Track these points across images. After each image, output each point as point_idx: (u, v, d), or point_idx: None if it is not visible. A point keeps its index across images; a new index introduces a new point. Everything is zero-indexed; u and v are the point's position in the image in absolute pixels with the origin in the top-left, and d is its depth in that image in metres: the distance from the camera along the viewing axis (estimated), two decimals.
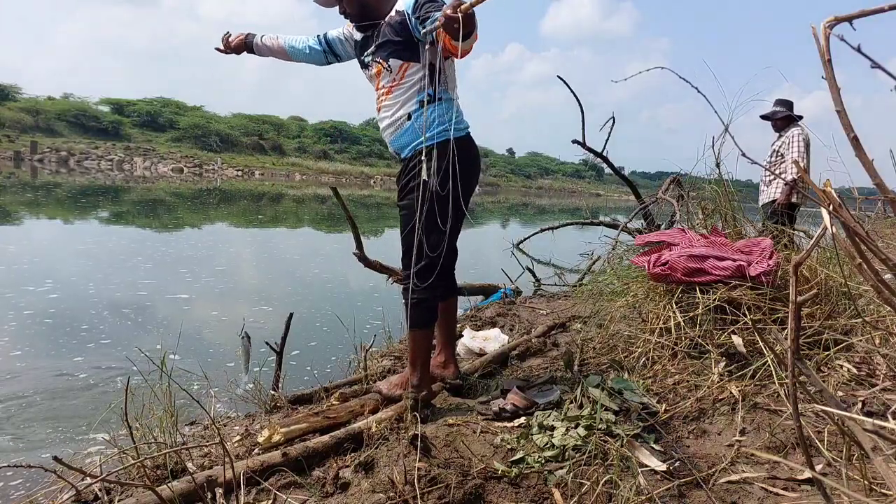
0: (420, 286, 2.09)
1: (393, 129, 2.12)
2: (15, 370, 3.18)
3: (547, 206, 29.58)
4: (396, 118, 2.10)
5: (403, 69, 2.05)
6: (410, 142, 2.10)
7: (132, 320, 4.30)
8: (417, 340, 2.18)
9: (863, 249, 0.86)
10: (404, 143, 2.12)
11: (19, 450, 2.34)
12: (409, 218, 2.09)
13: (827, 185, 0.89)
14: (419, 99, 2.05)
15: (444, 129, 2.04)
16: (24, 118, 36.26)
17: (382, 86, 2.10)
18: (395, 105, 2.09)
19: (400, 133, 2.11)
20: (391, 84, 2.07)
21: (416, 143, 2.07)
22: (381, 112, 2.15)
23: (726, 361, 2.24)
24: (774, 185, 4.89)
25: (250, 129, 48.11)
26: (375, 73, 2.11)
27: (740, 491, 1.57)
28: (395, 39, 2.03)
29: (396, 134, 2.12)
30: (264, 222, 13.04)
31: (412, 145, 2.09)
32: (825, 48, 0.81)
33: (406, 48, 2.03)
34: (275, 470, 1.73)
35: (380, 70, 2.09)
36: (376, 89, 2.15)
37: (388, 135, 2.17)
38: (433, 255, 2.04)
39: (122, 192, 18.50)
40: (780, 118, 4.92)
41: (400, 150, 2.15)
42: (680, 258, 2.47)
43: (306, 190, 27.34)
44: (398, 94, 2.08)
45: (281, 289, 5.94)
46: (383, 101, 2.12)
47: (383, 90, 2.11)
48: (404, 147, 2.13)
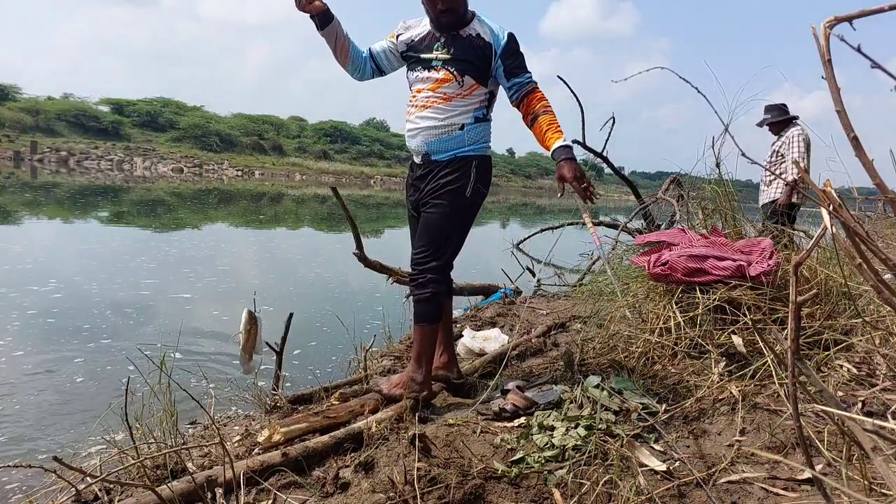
0: (437, 279, 2.20)
1: (439, 132, 2.18)
2: (16, 370, 3.18)
3: (547, 206, 29.57)
4: (448, 124, 2.17)
5: (472, 88, 2.19)
6: (454, 148, 2.20)
7: (134, 320, 4.30)
8: (426, 336, 2.25)
9: (863, 249, 0.86)
10: (446, 148, 2.20)
11: (19, 450, 2.34)
12: (440, 217, 2.19)
13: (827, 185, 0.89)
14: (475, 115, 2.21)
15: (486, 145, 2.28)
16: (24, 118, 36.25)
17: (443, 91, 2.16)
18: (452, 113, 2.17)
19: (446, 138, 2.19)
20: (455, 94, 2.17)
21: (458, 151, 2.20)
22: (425, 110, 2.18)
23: (726, 361, 2.24)
24: (775, 185, 4.88)
25: (250, 129, 48.09)
26: (442, 78, 2.16)
27: (740, 491, 1.57)
28: (476, 63, 2.16)
29: (441, 137, 2.19)
30: (265, 222, 13.04)
31: (454, 151, 2.20)
32: (825, 48, 0.81)
33: (482, 74, 2.19)
34: (275, 470, 1.73)
35: (448, 78, 2.16)
36: (429, 89, 2.18)
37: (427, 135, 2.20)
38: (453, 256, 2.26)
39: (123, 192, 18.50)
40: (775, 122, 4.91)
41: (434, 153, 2.21)
42: (680, 258, 2.47)
43: (306, 190, 27.34)
44: (458, 105, 2.18)
45: (282, 289, 5.94)
46: (436, 103, 2.17)
47: (441, 95, 2.16)
48: (444, 151, 2.20)
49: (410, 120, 2.23)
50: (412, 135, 2.24)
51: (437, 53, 2.18)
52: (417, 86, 2.22)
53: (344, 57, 2.26)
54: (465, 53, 2.16)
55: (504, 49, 2.17)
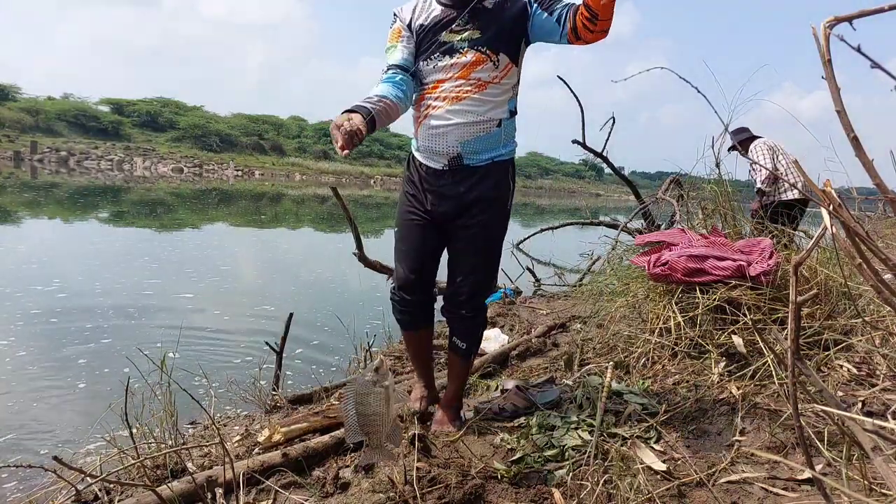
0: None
1: (477, 129, 1.81)
2: (18, 370, 3.18)
3: (547, 206, 29.57)
4: (487, 119, 1.81)
5: (508, 69, 1.81)
6: (490, 149, 1.86)
7: (136, 319, 4.30)
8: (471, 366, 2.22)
9: (863, 249, 0.86)
10: (482, 149, 1.85)
11: (19, 450, 2.34)
12: (492, 236, 1.92)
13: (827, 185, 0.89)
14: (509, 107, 1.87)
15: (516, 145, 1.96)
16: (24, 118, 36.29)
17: (475, 77, 1.78)
18: (488, 105, 1.80)
19: (484, 137, 1.82)
20: (490, 80, 1.79)
21: (496, 155, 1.88)
22: (458, 103, 1.79)
23: (726, 361, 2.24)
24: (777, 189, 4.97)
25: (250, 129, 48.15)
26: (472, 62, 1.77)
27: (740, 491, 1.57)
28: (514, 31, 1.79)
29: (479, 136, 1.82)
30: (266, 222, 13.04)
31: (491, 155, 1.86)
32: (825, 48, 0.81)
33: (517, 47, 1.82)
34: (275, 470, 1.73)
35: (480, 60, 1.77)
36: (458, 77, 1.79)
37: (462, 132, 1.81)
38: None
39: (124, 192, 18.51)
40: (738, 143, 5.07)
41: (468, 155, 1.84)
42: (680, 258, 2.47)
43: (306, 190, 27.34)
44: (494, 94, 1.81)
45: (283, 288, 5.95)
46: (471, 93, 1.78)
47: (473, 82, 1.78)
48: (479, 153, 1.85)
49: (436, 115, 1.82)
50: (439, 132, 1.82)
51: (463, 33, 1.79)
52: (437, 76, 1.81)
53: (397, 113, 1.78)
54: (496, 24, 1.78)
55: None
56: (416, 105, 1.89)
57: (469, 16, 1.78)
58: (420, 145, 1.90)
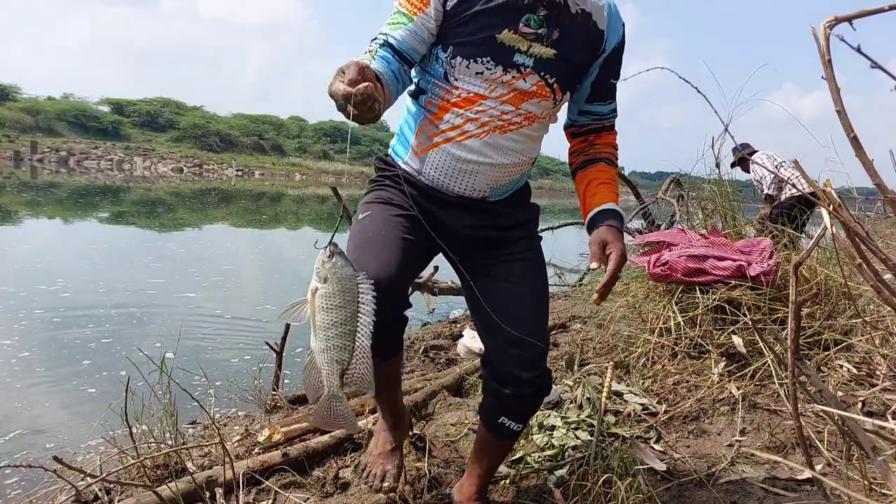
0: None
1: (515, 171, 1.40)
2: (19, 370, 3.18)
3: (547, 206, 29.56)
4: (528, 159, 1.41)
5: (563, 104, 1.41)
6: (515, 188, 1.47)
7: (138, 319, 4.30)
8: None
9: (863, 249, 0.86)
10: (511, 188, 1.45)
11: (19, 449, 2.34)
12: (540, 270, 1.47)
13: (827, 186, 0.89)
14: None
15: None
16: (24, 118, 36.32)
17: (527, 109, 1.31)
18: (534, 143, 1.40)
19: (517, 179, 1.45)
20: (542, 114, 1.35)
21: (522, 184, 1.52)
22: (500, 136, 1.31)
23: (726, 361, 2.24)
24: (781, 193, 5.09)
25: (250, 129, 48.20)
26: (531, 91, 1.30)
27: (740, 491, 1.57)
28: (587, 62, 1.35)
29: (514, 179, 1.43)
30: (267, 222, 13.05)
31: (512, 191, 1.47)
32: (825, 48, 0.81)
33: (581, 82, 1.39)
34: (275, 470, 1.73)
35: (541, 93, 1.31)
36: (507, 102, 1.30)
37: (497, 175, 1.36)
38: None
39: (124, 192, 18.51)
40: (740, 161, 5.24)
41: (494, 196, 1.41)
42: (680, 258, 2.47)
43: (306, 190, 27.33)
44: (541, 129, 1.40)
45: (284, 288, 5.95)
46: (519, 127, 1.32)
47: (524, 114, 1.32)
48: (508, 190, 1.44)
49: (469, 146, 1.31)
50: (468, 169, 1.33)
51: (532, 43, 1.26)
52: (479, 87, 1.29)
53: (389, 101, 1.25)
54: (576, 47, 1.30)
55: (615, 50, 1.36)
56: (429, 111, 1.35)
57: (546, 14, 1.26)
58: (424, 171, 1.37)
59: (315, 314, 1.01)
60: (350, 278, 1.01)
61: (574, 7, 1.29)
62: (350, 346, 1.02)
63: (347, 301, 1.01)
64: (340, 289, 1.00)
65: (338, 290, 1.00)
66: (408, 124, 1.43)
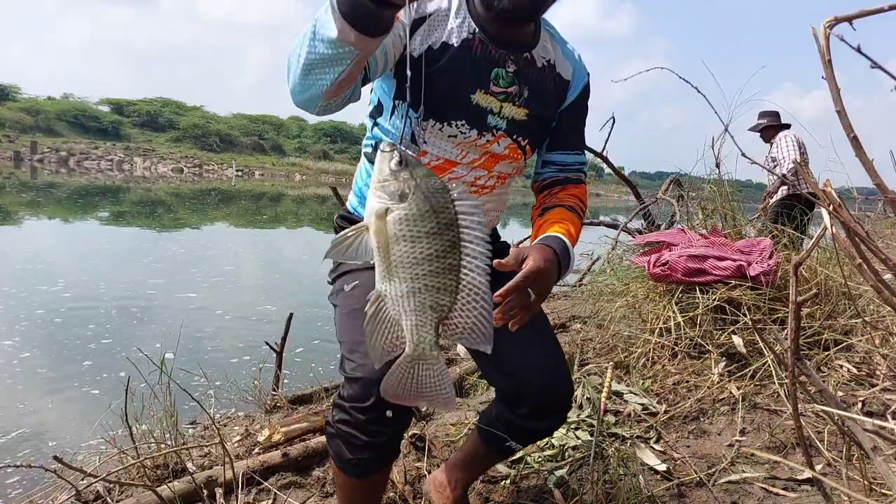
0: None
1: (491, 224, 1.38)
2: (20, 370, 3.18)
3: None
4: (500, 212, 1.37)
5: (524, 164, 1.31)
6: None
7: (138, 319, 4.31)
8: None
9: (863, 249, 0.86)
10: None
11: (20, 449, 2.34)
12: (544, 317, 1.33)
13: (827, 185, 0.89)
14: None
15: None
16: (24, 118, 36.36)
17: (499, 171, 1.25)
18: (506, 197, 1.36)
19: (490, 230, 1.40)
20: (513, 172, 1.29)
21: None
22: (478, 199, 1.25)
23: (726, 361, 2.24)
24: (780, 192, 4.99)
25: (250, 129, 48.27)
26: (503, 154, 1.22)
27: (740, 491, 1.57)
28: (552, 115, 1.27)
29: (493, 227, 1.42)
30: (267, 223, 13.05)
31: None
32: (825, 48, 0.81)
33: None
34: (275, 470, 1.73)
35: (513, 155, 1.23)
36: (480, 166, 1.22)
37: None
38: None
39: (125, 192, 18.51)
40: (764, 129, 5.07)
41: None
42: (680, 258, 2.48)
43: (306, 190, 27.35)
44: (510, 184, 1.33)
45: (284, 288, 5.95)
46: (492, 189, 1.27)
47: (496, 175, 1.25)
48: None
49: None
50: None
51: (503, 104, 1.16)
52: (450, 152, 1.19)
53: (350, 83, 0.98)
54: (545, 104, 1.23)
55: (578, 98, 1.29)
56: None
57: (515, 70, 1.16)
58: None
59: (388, 246, 0.73)
60: (442, 191, 0.73)
61: (540, 60, 1.21)
62: (453, 285, 0.74)
63: (443, 225, 0.73)
64: (430, 208, 0.72)
65: (427, 210, 0.72)
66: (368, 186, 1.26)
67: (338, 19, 0.79)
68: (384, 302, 0.76)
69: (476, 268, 0.75)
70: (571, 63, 1.27)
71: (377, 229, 0.73)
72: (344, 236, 0.75)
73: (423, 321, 0.75)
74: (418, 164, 0.74)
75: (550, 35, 1.25)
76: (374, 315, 0.76)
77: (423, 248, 0.72)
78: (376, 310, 0.76)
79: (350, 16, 0.79)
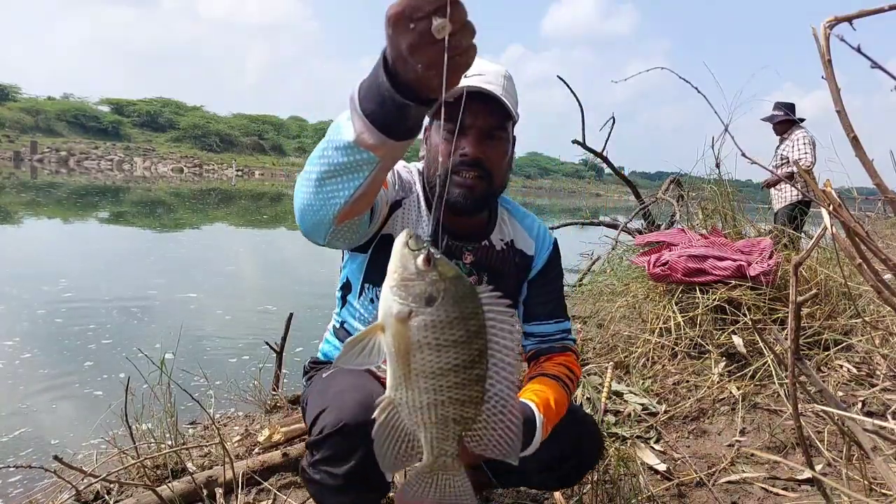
0: None
1: None
2: (20, 371, 3.18)
3: (547, 206, 29.57)
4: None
5: None
6: None
7: (139, 319, 4.30)
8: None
9: (863, 249, 0.86)
10: None
11: (22, 448, 2.34)
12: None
13: (827, 185, 0.89)
14: None
15: None
16: (23, 118, 36.39)
17: None
18: None
19: None
20: None
21: None
22: None
23: (726, 361, 2.24)
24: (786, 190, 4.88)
25: (250, 129, 48.29)
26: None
27: (740, 491, 1.57)
28: (511, 294, 1.27)
29: None
30: (267, 222, 13.06)
31: None
32: (825, 48, 0.81)
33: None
34: (275, 470, 1.73)
35: None
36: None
37: None
38: None
39: (126, 192, 18.52)
40: (780, 122, 4.93)
41: None
42: (680, 258, 2.47)
43: None
44: None
45: (284, 288, 5.96)
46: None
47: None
48: None
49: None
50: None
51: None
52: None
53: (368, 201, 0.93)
54: (507, 286, 1.25)
55: (545, 268, 1.30)
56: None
57: (472, 261, 1.20)
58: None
59: (408, 353, 0.66)
60: (472, 296, 0.66)
61: (498, 244, 1.23)
62: (478, 397, 0.68)
63: (472, 333, 0.66)
64: (460, 315, 0.65)
65: (457, 317, 0.65)
66: (333, 349, 1.32)
67: (359, 118, 0.72)
68: (397, 411, 0.69)
69: (504, 379, 0.68)
70: (532, 236, 1.28)
71: (397, 333, 0.65)
72: (356, 340, 0.68)
73: (446, 434, 0.69)
74: (446, 263, 0.67)
75: (508, 212, 1.28)
76: (385, 423, 0.69)
77: (450, 357, 0.65)
78: (388, 418, 0.69)
79: (375, 114, 0.71)
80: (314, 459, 1.05)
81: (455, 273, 0.66)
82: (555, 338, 1.28)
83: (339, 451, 1.00)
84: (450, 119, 0.98)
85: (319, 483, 1.04)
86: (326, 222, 0.89)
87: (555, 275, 1.31)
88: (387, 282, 0.67)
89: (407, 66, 0.63)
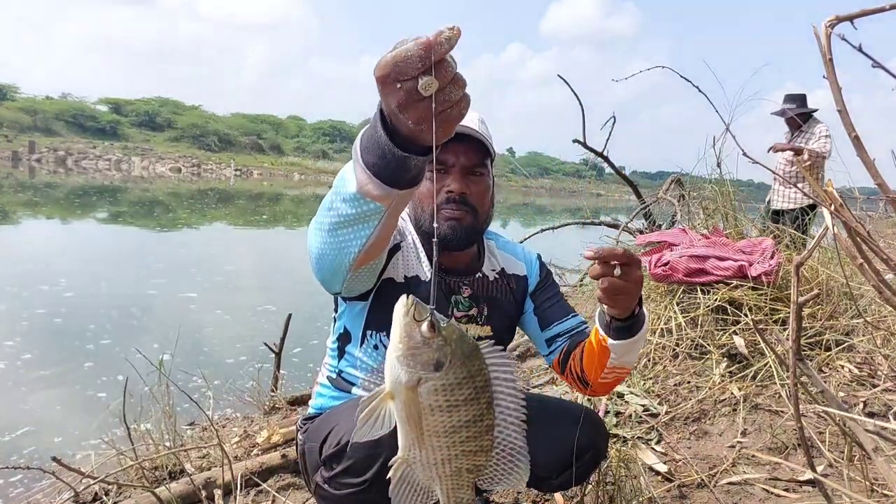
0: None
1: None
2: (20, 371, 3.18)
3: (547, 206, 29.57)
4: None
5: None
6: None
7: (138, 320, 4.30)
8: None
9: (864, 249, 0.86)
10: None
11: (22, 449, 2.33)
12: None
13: (828, 185, 0.88)
14: None
15: None
16: (22, 118, 36.36)
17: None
18: None
19: None
20: None
21: None
22: None
23: (727, 362, 2.24)
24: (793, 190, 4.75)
25: (249, 128, 48.28)
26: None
27: (742, 492, 1.56)
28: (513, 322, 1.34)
29: None
30: (266, 222, 13.05)
31: None
32: (826, 48, 0.80)
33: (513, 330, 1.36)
34: (274, 471, 1.73)
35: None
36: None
37: None
38: None
39: (124, 192, 18.51)
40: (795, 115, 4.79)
41: None
42: (681, 258, 2.47)
43: (305, 190, 27.34)
44: None
45: (284, 288, 5.95)
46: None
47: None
48: None
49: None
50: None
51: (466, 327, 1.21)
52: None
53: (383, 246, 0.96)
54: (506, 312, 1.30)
55: (541, 280, 1.37)
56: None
57: (471, 294, 1.24)
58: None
59: (419, 416, 0.67)
60: (476, 352, 0.68)
61: (492, 274, 1.28)
62: (489, 444, 0.70)
63: (479, 388, 0.68)
64: (468, 374, 0.67)
65: (464, 376, 0.67)
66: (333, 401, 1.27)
67: (361, 170, 0.73)
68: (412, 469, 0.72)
69: (511, 424, 0.71)
70: (519, 259, 1.36)
71: (408, 400, 0.67)
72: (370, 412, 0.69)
73: (460, 484, 0.73)
74: (449, 326, 0.67)
75: (493, 241, 1.35)
76: (400, 480, 0.72)
77: (461, 415, 0.68)
78: (403, 475, 0.72)
79: (377, 166, 0.71)
80: (333, 473, 1.03)
81: (459, 334, 0.67)
82: (579, 329, 1.30)
83: (360, 458, 0.99)
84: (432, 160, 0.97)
85: (340, 499, 1.02)
86: (343, 269, 0.91)
87: (552, 282, 1.38)
88: (392, 351, 0.67)
89: (400, 122, 0.64)
